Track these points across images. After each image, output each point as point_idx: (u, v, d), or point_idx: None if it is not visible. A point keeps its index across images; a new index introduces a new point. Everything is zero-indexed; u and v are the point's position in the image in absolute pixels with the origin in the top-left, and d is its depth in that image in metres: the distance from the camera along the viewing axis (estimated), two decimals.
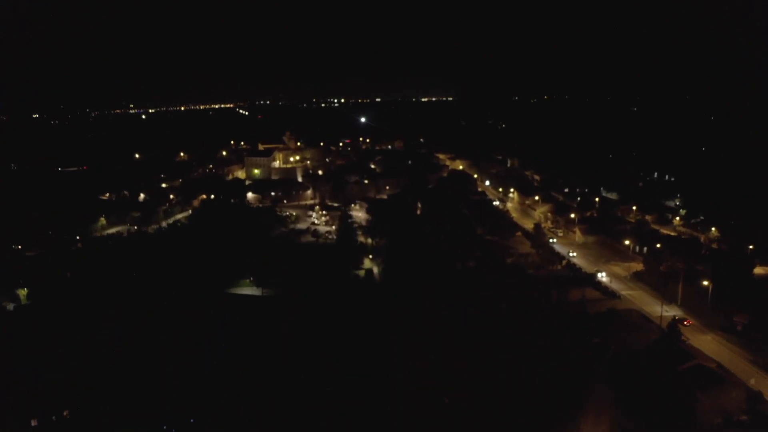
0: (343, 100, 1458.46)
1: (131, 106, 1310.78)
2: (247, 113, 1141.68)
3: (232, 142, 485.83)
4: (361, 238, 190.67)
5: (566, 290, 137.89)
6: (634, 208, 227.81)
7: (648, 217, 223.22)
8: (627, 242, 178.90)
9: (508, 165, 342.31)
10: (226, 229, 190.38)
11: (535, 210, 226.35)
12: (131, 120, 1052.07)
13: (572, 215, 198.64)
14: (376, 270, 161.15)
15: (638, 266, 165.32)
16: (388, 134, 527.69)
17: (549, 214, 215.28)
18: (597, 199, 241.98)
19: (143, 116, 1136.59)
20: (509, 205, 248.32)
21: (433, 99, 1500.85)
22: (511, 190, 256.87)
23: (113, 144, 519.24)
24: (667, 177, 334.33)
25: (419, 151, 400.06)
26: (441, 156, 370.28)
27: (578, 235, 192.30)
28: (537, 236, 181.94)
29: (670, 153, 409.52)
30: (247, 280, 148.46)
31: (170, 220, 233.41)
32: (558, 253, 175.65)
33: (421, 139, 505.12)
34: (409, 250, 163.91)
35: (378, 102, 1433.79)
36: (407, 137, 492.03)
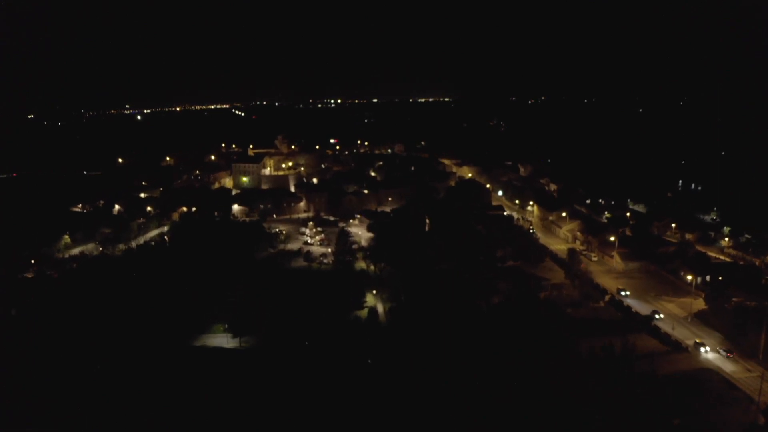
0: (339, 101, 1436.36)
1: (127, 106, 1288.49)
2: (242, 114, 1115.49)
3: (223, 144, 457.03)
4: (362, 264, 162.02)
5: (630, 341, 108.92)
6: (674, 225, 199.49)
7: (688, 236, 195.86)
8: (689, 277, 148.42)
9: (521, 172, 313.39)
10: (203, 254, 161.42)
11: (560, 227, 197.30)
12: (125, 121, 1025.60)
13: (611, 238, 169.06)
14: (381, 308, 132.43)
15: (697, 302, 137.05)
16: (388, 137, 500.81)
17: (578, 233, 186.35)
18: (628, 214, 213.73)
19: (138, 117, 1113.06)
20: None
21: (430, 100, 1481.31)
22: (530, 203, 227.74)
23: (99, 147, 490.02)
24: (693, 186, 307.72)
25: (422, 156, 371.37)
26: (446, 162, 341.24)
27: (617, 261, 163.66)
28: (572, 263, 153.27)
29: (690, 158, 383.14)
30: (222, 326, 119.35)
31: (145, 238, 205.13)
32: (598, 285, 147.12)
33: (423, 143, 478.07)
34: (420, 284, 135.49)
35: (375, 103, 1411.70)
36: (408, 140, 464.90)
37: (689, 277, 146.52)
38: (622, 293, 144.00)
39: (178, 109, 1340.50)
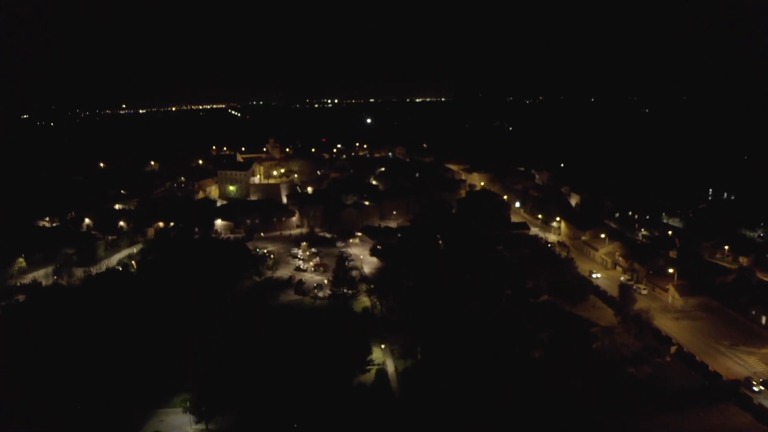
0: (336, 101, 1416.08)
1: (123, 106, 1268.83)
2: (239, 114, 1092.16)
3: (213, 147, 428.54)
4: (365, 300, 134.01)
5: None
6: (726, 247, 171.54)
7: (742, 260, 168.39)
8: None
9: (536, 179, 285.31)
10: (174, 287, 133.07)
11: (595, 250, 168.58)
12: (119, 121, 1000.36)
13: (670, 269, 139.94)
14: (391, 367, 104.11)
15: None
16: (387, 138, 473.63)
17: (619, 258, 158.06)
18: (670, 233, 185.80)
19: (133, 117, 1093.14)
20: (553, 238, 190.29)
21: (428, 100, 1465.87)
22: (557, 218, 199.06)
23: (85, 149, 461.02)
24: (725, 195, 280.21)
25: (426, 161, 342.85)
26: (453, 167, 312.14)
27: (673, 296, 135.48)
28: (624, 301, 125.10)
29: (711, 163, 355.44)
30: (185, 400, 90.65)
31: (112, 261, 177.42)
32: (658, 330, 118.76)
33: (425, 145, 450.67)
34: (441, 334, 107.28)
35: (372, 102, 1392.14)
36: (409, 142, 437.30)
37: None
38: (754, 387, 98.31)
39: (173, 109, 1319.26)
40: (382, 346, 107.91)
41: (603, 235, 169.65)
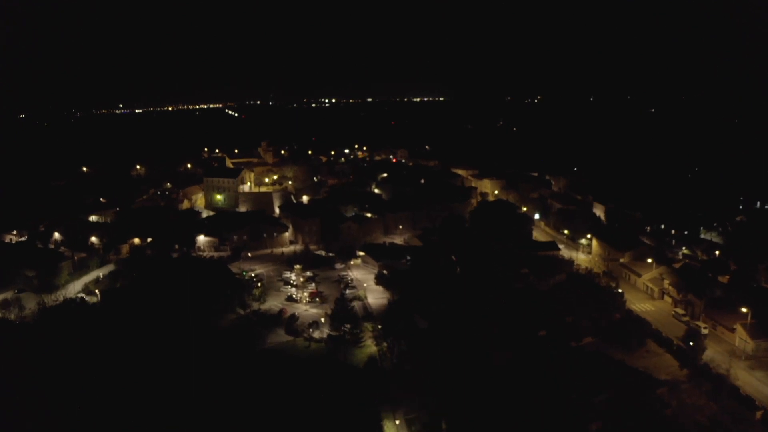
0: (334, 100, 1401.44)
1: (120, 105, 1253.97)
2: (236, 114, 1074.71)
3: (205, 149, 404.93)
4: (371, 344, 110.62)
5: None
6: None
7: None
8: None
9: (553, 186, 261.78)
10: (139, 328, 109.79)
11: (638, 275, 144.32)
12: (114, 121, 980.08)
13: (743, 309, 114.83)
14: None
15: None
16: (387, 140, 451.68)
17: (669, 287, 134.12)
18: (717, 252, 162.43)
19: (129, 117, 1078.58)
20: (582, 259, 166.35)
21: (426, 99, 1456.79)
22: (587, 236, 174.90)
23: (71, 151, 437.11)
24: (758, 204, 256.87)
25: (431, 166, 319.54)
26: (461, 172, 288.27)
27: (743, 338, 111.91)
28: (693, 350, 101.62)
29: (737, 169, 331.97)
30: None
31: (77, 284, 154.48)
32: (737, 389, 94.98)
33: (427, 147, 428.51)
34: (471, 401, 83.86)
35: (370, 102, 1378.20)
36: (410, 144, 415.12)
37: None
38: None
39: (170, 108, 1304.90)
40: (397, 422, 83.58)
41: (650, 260, 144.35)
